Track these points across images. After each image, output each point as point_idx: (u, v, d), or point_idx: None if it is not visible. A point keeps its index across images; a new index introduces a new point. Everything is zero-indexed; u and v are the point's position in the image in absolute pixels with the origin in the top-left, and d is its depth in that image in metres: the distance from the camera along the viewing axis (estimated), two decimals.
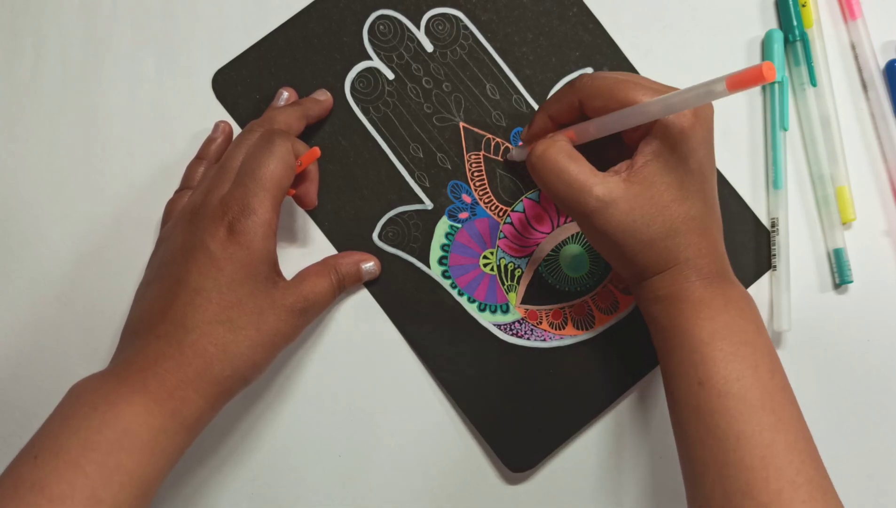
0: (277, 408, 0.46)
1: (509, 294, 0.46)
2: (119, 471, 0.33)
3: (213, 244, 0.38)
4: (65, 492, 0.32)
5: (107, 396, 0.35)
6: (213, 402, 0.37)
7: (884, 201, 0.48)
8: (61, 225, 0.47)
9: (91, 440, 0.33)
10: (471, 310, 0.46)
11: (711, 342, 0.36)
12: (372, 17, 0.48)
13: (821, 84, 0.48)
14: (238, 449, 0.46)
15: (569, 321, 0.46)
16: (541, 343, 0.46)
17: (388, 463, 0.46)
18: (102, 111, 0.48)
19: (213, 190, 0.40)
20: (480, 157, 0.47)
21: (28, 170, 0.47)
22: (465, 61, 0.48)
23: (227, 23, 0.48)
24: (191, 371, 0.36)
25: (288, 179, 0.40)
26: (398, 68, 0.47)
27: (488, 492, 0.45)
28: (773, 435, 0.35)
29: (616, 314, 0.46)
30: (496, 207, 0.47)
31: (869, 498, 0.46)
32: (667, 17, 0.49)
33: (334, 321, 0.46)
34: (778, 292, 0.46)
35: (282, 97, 0.46)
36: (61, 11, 0.48)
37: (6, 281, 0.46)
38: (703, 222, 0.38)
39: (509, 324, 0.46)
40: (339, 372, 0.46)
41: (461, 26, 0.48)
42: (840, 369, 0.47)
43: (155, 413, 0.35)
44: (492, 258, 0.46)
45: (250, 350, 0.38)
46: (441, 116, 0.47)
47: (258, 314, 0.38)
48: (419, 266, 0.46)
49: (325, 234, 0.46)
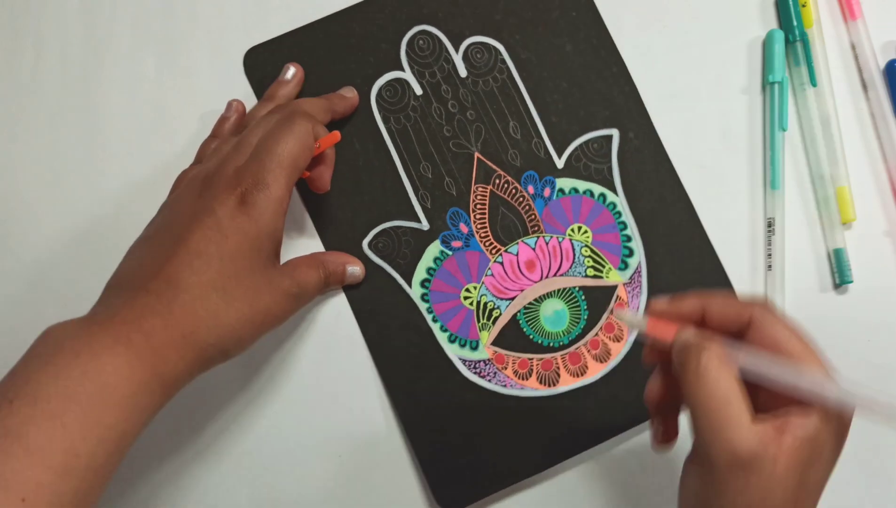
0: (277, 408, 0.46)
1: (482, 332, 0.46)
2: (98, 426, 0.32)
3: (221, 211, 0.37)
4: (43, 445, 0.31)
5: (89, 344, 0.34)
6: (191, 368, 0.36)
7: (884, 201, 0.48)
8: (61, 225, 0.47)
9: (72, 391, 0.32)
10: (440, 338, 0.46)
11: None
12: (414, 29, 0.48)
13: (821, 84, 0.48)
14: (238, 449, 0.45)
15: (534, 374, 0.46)
16: (500, 388, 0.45)
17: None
18: (102, 111, 0.48)
19: (228, 161, 0.39)
20: (487, 191, 0.47)
21: (28, 170, 0.47)
22: (494, 94, 0.47)
23: (227, 23, 0.48)
24: (177, 333, 0.35)
25: (305, 160, 0.40)
26: (428, 85, 0.47)
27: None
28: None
29: (581, 378, 0.46)
30: (491, 243, 0.47)
31: (869, 498, 0.46)
32: (667, 17, 0.49)
33: (336, 321, 0.46)
34: (773, 292, 0.46)
35: (288, 72, 0.46)
36: (61, 11, 0.48)
37: (6, 281, 0.46)
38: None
39: (475, 362, 0.46)
40: (339, 372, 0.46)
41: (499, 59, 0.48)
42: (840, 369, 0.46)
43: (137, 369, 0.34)
44: (473, 293, 0.46)
45: (238, 324, 0.37)
46: (458, 142, 0.47)
47: (254, 291, 0.38)
48: (401, 283, 0.46)
49: (316, 229, 0.46)
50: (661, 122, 0.48)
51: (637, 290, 0.47)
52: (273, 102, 0.45)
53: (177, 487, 0.45)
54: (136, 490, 0.45)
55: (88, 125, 0.48)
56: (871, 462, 0.46)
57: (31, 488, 0.30)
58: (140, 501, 0.45)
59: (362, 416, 0.46)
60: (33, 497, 0.30)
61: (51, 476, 0.31)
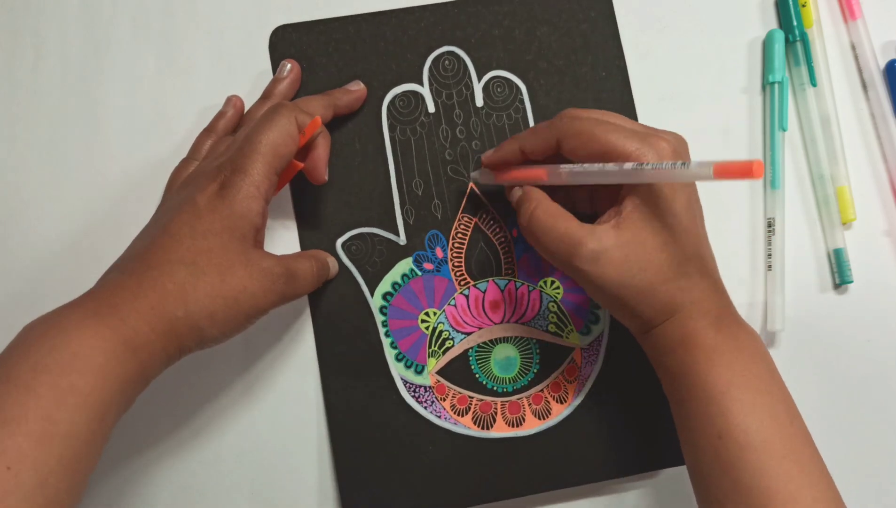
0: (277, 408, 0.46)
1: (430, 359, 0.46)
2: (73, 393, 0.32)
3: (200, 198, 0.38)
4: (18, 415, 0.31)
5: (57, 322, 0.34)
6: (165, 343, 0.36)
7: (884, 201, 0.48)
8: (61, 225, 0.47)
9: (41, 363, 0.32)
10: (388, 354, 0.46)
11: (728, 391, 0.36)
12: (443, 49, 0.48)
13: (821, 84, 0.48)
14: (237, 449, 0.46)
15: (471, 412, 0.45)
16: (433, 418, 0.45)
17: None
18: (102, 111, 0.48)
19: (216, 159, 0.41)
20: (472, 222, 0.47)
21: (28, 170, 0.47)
22: (504, 130, 0.47)
23: (226, 23, 0.49)
24: (145, 303, 0.36)
25: (286, 147, 0.40)
26: (442, 106, 0.47)
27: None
28: (798, 487, 0.35)
29: (516, 429, 0.45)
30: (462, 274, 0.46)
31: (870, 498, 0.46)
32: (667, 17, 0.49)
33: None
34: (773, 291, 0.46)
35: (284, 69, 0.46)
36: (61, 11, 0.49)
37: (6, 280, 0.47)
38: (700, 263, 0.38)
39: (416, 386, 0.45)
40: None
41: (518, 98, 0.48)
42: (840, 369, 0.47)
43: (107, 338, 0.34)
44: (431, 319, 0.46)
45: (208, 299, 0.37)
46: (456, 169, 0.47)
47: (226, 266, 0.38)
48: (363, 290, 0.46)
49: (296, 218, 0.47)
50: (661, 122, 0.47)
51: (594, 358, 0.46)
52: (270, 99, 0.46)
53: (177, 487, 0.45)
54: (136, 489, 0.45)
55: (88, 125, 0.48)
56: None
57: (14, 456, 0.31)
58: (140, 501, 0.45)
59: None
60: (17, 465, 0.30)
61: (31, 443, 0.31)
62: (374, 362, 0.46)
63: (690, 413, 0.37)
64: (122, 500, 0.45)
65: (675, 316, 0.38)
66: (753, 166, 0.30)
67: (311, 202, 0.47)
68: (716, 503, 0.36)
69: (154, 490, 0.45)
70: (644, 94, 0.48)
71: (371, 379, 0.45)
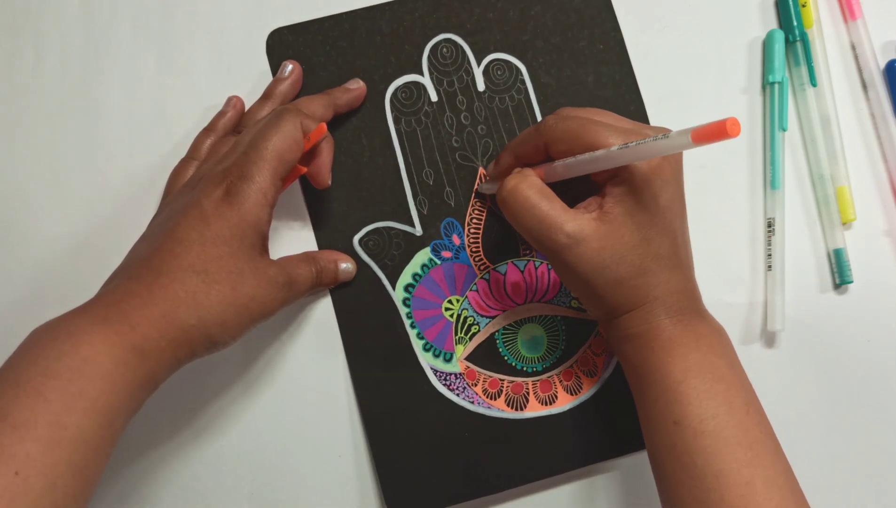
0: (277, 408, 0.46)
1: (458, 346, 0.46)
2: (82, 398, 0.32)
3: (206, 203, 0.38)
4: (27, 419, 0.31)
5: (66, 328, 0.34)
6: (176, 349, 0.36)
7: (884, 201, 0.48)
8: (61, 225, 0.47)
9: (51, 369, 0.33)
10: (416, 345, 0.46)
11: (685, 380, 0.37)
12: (440, 36, 0.48)
13: (821, 84, 0.48)
14: (238, 449, 0.45)
15: (503, 395, 0.46)
16: (467, 404, 0.45)
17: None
18: (102, 111, 0.48)
19: (220, 162, 0.41)
20: (486, 207, 0.47)
21: (28, 170, 0.47)
22: (508, 112, 0.47)
23: (226, 23, 0.48)
24: (156, 311, 0.36)
25: (291, 153, 0.40)
26: (444, 94, 0.47)
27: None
28: (751, 472, 0.35)
29: (549, 407, 0.45)
30: (480, 259, 0.46)
31: (870, 498, 0.46)
32: (667, 17, 0.49)
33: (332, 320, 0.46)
34: (773, 291, 0.46)
35: (286, 69, 0.46)
36: (61, 11, 0.48)
37: (6, 280, 0.46)
38: (673, 260, 0.38)
39: (446, 374, 0.46)
40: (339, 373, 0.46)
41: (519, 79, 0.48)
42: (840, 369, 0.47)
43: (116, 344, 0.34)
44: (455, 306, 0.46)
45: (220, 307, 0.37)
46: (464, 155, 0.47)
47: (237, 274, 0.38)
48: (385, 284, 0.46)
49: (311, 219, 0.46)
50: (661, 122, 0.47)
51: None
52: (270, 99, 0.46)
53: (177, 487, 0.45)
54: (137, 489, 0.45)
55: (88, 125, 0.47)
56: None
57: (22, 461, 0.30)
58: (141, 501, 0.45)
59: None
60: (25, 469, 0.30)
61: (40, 448, 0.31)
62: (403, 354, 0.45)
63: (648, 401, 0.38)
64: (122, 500, 0.45)
65: (640, 308, 0.38)
66: (727, 124, 0.30)
67: (325, 202, 0.47)
68: (670, 487, 0.37)
69: (156, 491, 0.45)
70: (644, 94, 0.48)
71: (401, 372, 0.45)
